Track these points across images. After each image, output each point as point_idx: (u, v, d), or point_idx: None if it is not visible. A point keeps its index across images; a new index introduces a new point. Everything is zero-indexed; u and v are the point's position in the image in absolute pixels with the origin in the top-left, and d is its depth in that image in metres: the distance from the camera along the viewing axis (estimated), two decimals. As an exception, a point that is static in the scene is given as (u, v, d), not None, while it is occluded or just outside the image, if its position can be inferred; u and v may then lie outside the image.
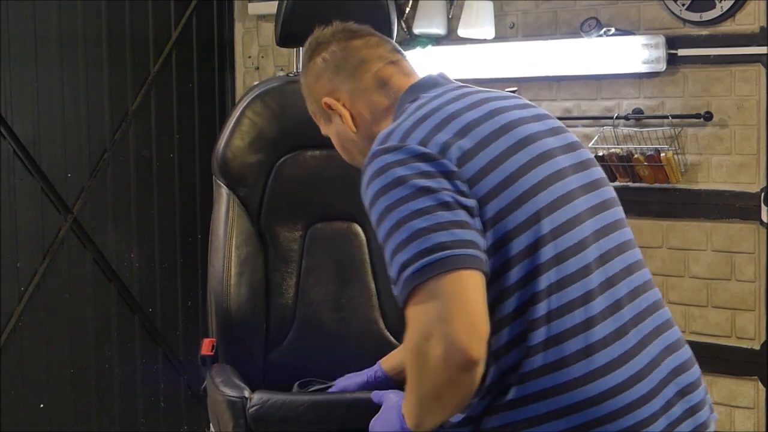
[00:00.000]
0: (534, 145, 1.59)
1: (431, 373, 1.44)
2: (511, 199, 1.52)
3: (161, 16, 3.96)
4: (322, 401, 2.04)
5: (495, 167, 1.54)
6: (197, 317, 4.09)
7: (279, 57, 4.17)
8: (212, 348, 2.27)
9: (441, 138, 1.55)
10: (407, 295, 1.45)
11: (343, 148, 1.84)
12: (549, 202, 1.54)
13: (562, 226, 1.54)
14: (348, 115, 1.77)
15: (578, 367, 1.50)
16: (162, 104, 3.96)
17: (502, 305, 1.50)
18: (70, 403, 3.68)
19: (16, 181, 3.49)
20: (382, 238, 1.51)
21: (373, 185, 1.53)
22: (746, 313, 3.21)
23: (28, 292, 3.54)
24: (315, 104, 1.84)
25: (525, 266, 1.50)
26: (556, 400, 1.49)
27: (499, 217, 1.51)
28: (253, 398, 2.02)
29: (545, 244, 1.51)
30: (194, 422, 4.07)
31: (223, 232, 2.30)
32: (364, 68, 1.77)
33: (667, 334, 1.62)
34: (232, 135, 2.32)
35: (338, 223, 2.37)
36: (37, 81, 3.54)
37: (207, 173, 3.99)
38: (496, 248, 1.50)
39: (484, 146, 1.55)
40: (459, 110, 1.61)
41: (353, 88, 1.77)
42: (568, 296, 1.51)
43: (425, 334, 1.42)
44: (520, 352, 1.50)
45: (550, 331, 1.50)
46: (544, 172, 1.57)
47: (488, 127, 1.58)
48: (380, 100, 1.75)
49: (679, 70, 3.28)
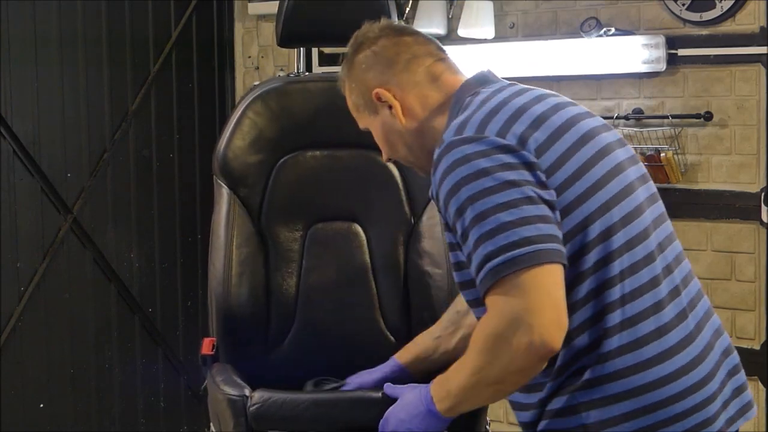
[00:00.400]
0: (596, 140, 1.66)
1: (508, 359, 1.52)
2: (583, 189, 1.59)
3: (161, 16, 3.95)
4: (323, 400, 2.05)
5: (568, 159, 1.61)
6: (197, 317, 4.08)
7: (279, 57, 4.17)
8: (213, 347, 2.27)
9: (517, 129, 1.61)
10: (491, 284, 1.52)
11: (387, 140, 1.85)
12: (616, 193, 1.62)
13: (629, 214, 1.62)
14: (399, 107, 1.80)
15: (651, 347, 1.59)
16: (162, 104, 3.96)
17: (577, 289, 1.58)
18: (70, 403, 3.68)
19: (16, 181, 3.49)
20: (464, 227, 1.56)
21: (454, 174, 1.57)
22: (746, 313, 3.21)
23: (28, 292, 3.54)
24: (361, 96, 1.86)
25: (599, 252, 1.58)
26: (631, 380, 1.58)
27: (574, 206, 1.58)
28: (253, 397, 2.02)
29: (617, 231, 1.60)
30: (194, 422, 4.07)
31: (223, 232, 2.30)
32: (416, 63, 1.80)
33: (714, 319, 1.73)
34: (232, 135, 2.32)
35: (339, 223, 2.37)
36: (37, 81, 3.54)
37: (207, 173, 3.99)
38: (573, 235, 1.57)
39: (555, 139, 1.62)
40: (526, 104, 1.66)
41: (405, 82, 1.80)
42: (640, 280, 1.60)
43: (512, 323, 1.50)
44: (594, 334, 1.58)
45: (625, 314, 1.58)
46: (608, 165, 1.64)
47: (556, 121, 1.65)
48: (432, 94, 1.79)
49: (679, 70, 3.28)
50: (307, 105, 2.37)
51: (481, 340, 1.56)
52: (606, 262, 1.58)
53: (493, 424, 2.51)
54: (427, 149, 1.78)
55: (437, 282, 2.34)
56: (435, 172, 1.62)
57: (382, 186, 2.37)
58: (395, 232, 2.37)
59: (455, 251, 1.67)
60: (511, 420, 3.63)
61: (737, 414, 1.69)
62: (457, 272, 1.70)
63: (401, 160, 1.89)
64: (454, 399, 1.65)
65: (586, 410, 1.58)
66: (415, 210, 2.38)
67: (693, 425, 1.60)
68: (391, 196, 2.36)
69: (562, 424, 1.61)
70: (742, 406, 1.71)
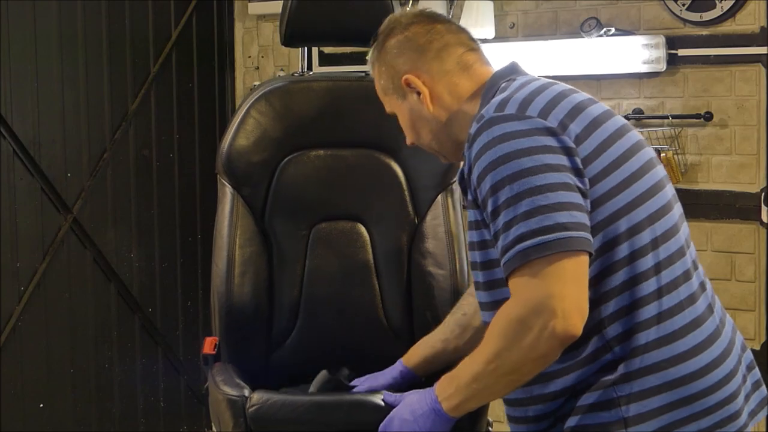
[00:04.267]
0: (629, 135, 1.68)
1: (529, 344, 1.52)
2: (617, 182, 1.60)
3: (161, 16, 3.95)
4: (322, 402, 2.05)
5: (604, 150, 1.61)
6: (197, 317, 4.08)
7: (279, 57, 4.17)
8: (214, 347, 2.27)
9: (558, 114, 1.61)
10: (519, 265, 1.52)
11: (413, 126, 1.85)
12: (648, 187, 1.64)
13: (661, 209, 1.64)
14: (428, 94, 1.79)
15: (687, 340, 1.60)
16: (162, 104, 3.96)
17: (609, 279, 1.58)
18: (70, 403, 3.67)
19: (16, 181, 3.49)
20: (496, 205, 1.56)
21: (494, 151, 1.56)
22: (746, 313, 3.21)
23: (28, 291, 3.54)
24: (390, 80, 1.85)
25: (631, 244, 1.59)
26: (668, 373, 1.59)
27: (606, 198, 1.58)
28: (252, 398, 2.02)
29: (648, 226, 1.61)
30: (194, 422, 4.07)
31: (227, 232, 2.30)
32: (447, 51, 1.80)
33: (730, 316, 1.75)
34: (236, 135, 2.32)
35: (342, 222, 2.37)
36: (37, 81, 3.54)
37: (207, 173, 4.00)
38: (603, 226, 1.57)
39: (593, 130, 1.62)
40: (565, 91, 1.68)
41: (436, 70, 1.79)
42: (675, 273, 1.62)
43: (536, 307, 1.51)
44: (627, 325, 1.58)
45: (662, 306, 1.60)
46: (641, 161, 1.66)
47: (593, 112, 1.66)
48: (462, 83, 1.79)
49: (679, 70, 3.28)
50: (311, 104, 2.37)
51: (502, 325, 1.56)
52: (638, 256, 1.59)
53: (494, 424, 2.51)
54: (453, 137, 1.79)
55: (440, 282, 2.34)
56: (471, 146, 1.61)
57: (385, 186, 2.37)
58: (399, 232, 2.37)
59: (479, 229, 1.65)
60: (511, 420, 3.63)
61: (758, 407, 1.71)
62: (478, 251, 1.68)
63: (424, 146, 1.88)
64: (463, 395, 1.65)
65: (625, 404, 1.58)
66: (418, 210, 2.38)
67: (722, 419, 1.61)
68: (395, 196, 2.37)
69: (600, 418, 1.59)
70: (761, 399, 1.73)
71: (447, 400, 1.68)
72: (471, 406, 1.68)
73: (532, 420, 1.68)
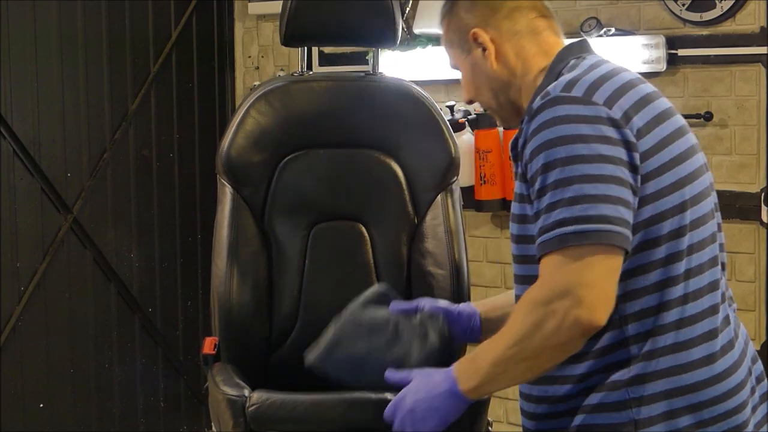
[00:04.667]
0: (688, 136, 1.67)
1: (551, 330, 1.52)
2: (669, 182, 1.59)
3: (161, 16, 3.96)
4: (321, 401, 2.05)
5: (662, 148, 1.60)
6: (197, 317, 4.09)
7: (279, 57, 4.17)
8: (214, 347, 2.27)
9: (624, 104, 1.59)
10: (555, 248, 1.52)
11: (473, 82, 1.83)
12: (695, 194, 1.63)
13: (701, 218, 1.64)
14: (493, 51, 1.76)
15: (701, 349, 1.61)
16: (162, 104, 3.96)
17: (643, 277, 1.58)
18: (70, 403, 3.68)
19: (16, 181, 3.49)
20: (544, 184, 1.55)
21: (553, 131, 1.56)
22: (746, 313, 3.21)
23: (28, 291, 3.54)
24: (458, 33, 1.82)
25: (669, 247, 1.58)
26: (680, 378, 1.59)
27: (657, 197, 1.58)
28: (252, 397, 2.02)
29: (687, 232, 1.60)
30: (194, 422, 4.07)
31: (226, 232, 2.30)
32: (520, 12, 1.77)
33: (743, 326, 1.74)
34: (236, 134, 2.32)
35: (342, 222, 2.37)
36: (37, 81, 3.54)
37: (207, 173, 4.00)
38: (649, 224, 1.57)
39: (656, 125, 1.61)
40: (634, 80, 1.66)
41: (505, 29, 1.76)
42: (702, 282, 1.63)
43: (563, 293, 1.51)
44: (648, 326, 1.59)
45: (684, 313, 1.60)
46: (694, 165, 1.65)
47: (659, 106, 1.65)
48: (529, 47, 1.76)
49: (679, 70, 3.28)
50: (311, 104, 2.37)
51: (527, 308, 1.56)
52: (674, 260, 1.59)
53: (494, 424, 2.51)
54: (511, 100, 1.78)
55: (440, 282, 2.33)
56: (531, 120, 1.59)
57: (385, 186, 2.37)
58: (398, 232, 2.37)
59: (522, 203, 1.65)
60: (512, 420, 3.64)
61: (764, 419, 1.71)
62: (517, 224, 1.67)
63: (482, 104, 1.86)
64: (483, 377, 1.62)
65: (636, 406, 1.59)
66: (418, 210, 2.38)
67: (729, 428, 1.61)
68: (395, 195, 2.36)
69: (610, 418, 1.59)
70: (767, 412, 1.72)
71: (466, 381, 1.64)
72: (489, 390, 1.66)
73: (542, 417, 1.68)
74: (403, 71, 3.46)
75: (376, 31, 2.35)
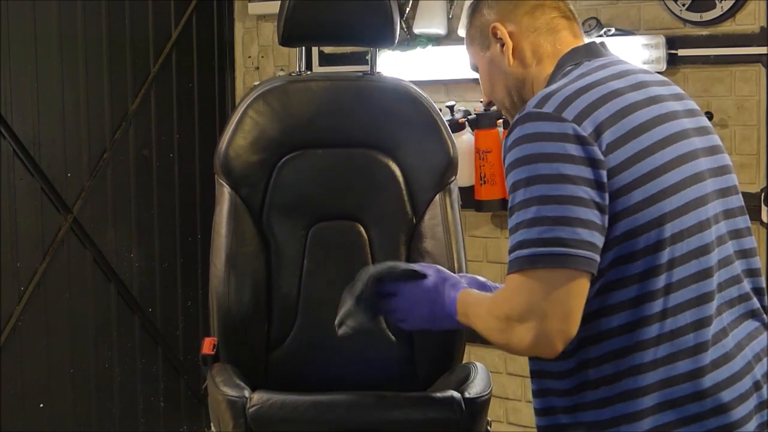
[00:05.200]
0: (680, 144, 1.61)
1: (508, 344, 1.58)
2: (640, 198, 1.55)
3: (161, 16, 3.95)
4: (322, 401, 2.05)
5: (637, 162, 1.55)
6: (197, 317, 4.08)
7: (279, 57, 4.17)
8: (213, 347, 2.27)
9: (599, 116, 1.56)
10: (514, 270, 1.54)
11: (489, 79, 1.83)
12: (677, 207, 1.57)
13: (688, 229, 1.58)
14: (511, 47, 1.77)
15: (684, 364, 1.56)
16: (162, 104, 3.96)
17: (618, 293, 1.56)
18: (70, 403, 3.67)
19: (16, 181, 3.49)
20: (511, 204, 1.57)
21: (519, 149, 1.56)
22: (746, 313, 3.21)
23: (28, 292, 3.54)
24: (478, 29, 1.83)
25: (647, 261, 1.54)
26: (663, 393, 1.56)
27: (628, 214, 1.54)
28: (253, 398, 2.02)
29: (666, 247, 1.55)
30: (194, 422, 4.07)
31: (225, 232, 2.30)
32: (541, 10, 1.77)
33: (758, 341, 1.67)
34: (234, 134, 2.32)
35: (340, 222, 2.37)
36: (37, 81, 3.54)
37: (207, 173, 4.00)
38: (622, 240, 1.54)
39: (630, 138, 1.57)
40: (621, 89, 1.62)
41: (525, 25, 1.76)
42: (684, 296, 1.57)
43: (519, 316, 1.53)
44: (629, 341, 1.56)
45: (663, 328, 1.56)
46: (683, 174, 1.59)
47: (642, 116, 1.60)
48: (545, 45, 1.75)
49: (680, 70, 3.28)
50: (309, 104, 2.37)
51: (494, 312, 1.60)
52: (652, 275, 1.55)
53: (494, 424, 2.51)
54: (523, 99, 1.76)
55: (438, 282, 2.33)
56: (507, 136, 1.60)
57: (384, 186, 2.37)
58: (397, 232, 2.37)
59: None
60: (512, 420, 3.64)
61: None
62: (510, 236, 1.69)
63: (497, 104, 1.86)
64: (469, 323, 1.71)
65: (626, 422, 1.57)
66: (417, 210, 2.38)
67: None
68: (393, 195, 2.36)
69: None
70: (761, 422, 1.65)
71: (460, 315, 1.74)
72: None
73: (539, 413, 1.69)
74: (403, 71, 3.46)
75: (374, 30, 2.34)
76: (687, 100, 1.73)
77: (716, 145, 1.70)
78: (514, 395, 3.65)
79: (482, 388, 2.11)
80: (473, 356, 3.21)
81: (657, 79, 1.72)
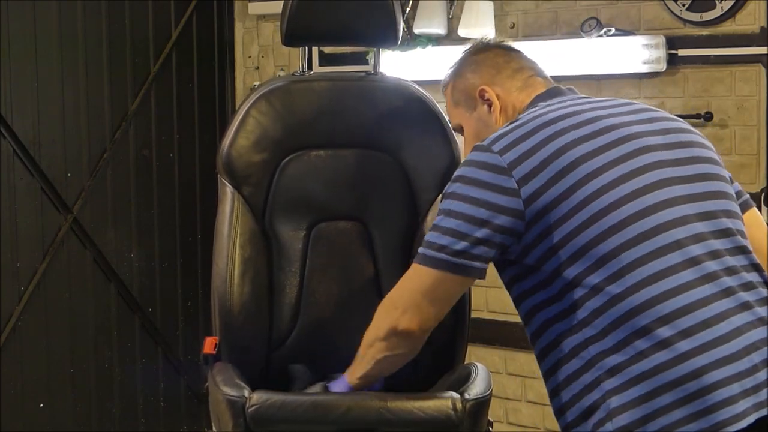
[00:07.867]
0: (634, 160, 1.74)
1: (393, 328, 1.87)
2: (552, 221, 1.71)
3: (161, 16, 3.95)
4: (321, 401, 2.05)
5: (548, 188, 1.71)
6: (197, 317, 4.08)
7: (279, 57, 4.17)
8: (215, 347, 2.27)
9: (524, 147, 1.74)
10: (415, 261, 1.83)
11: (477, 137, 1.96)
12: (607, 228, 1.69)
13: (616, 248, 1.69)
14: (498, 107, 1.98)
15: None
16: (162, 104, 3.96)
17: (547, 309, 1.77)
18: (70, 403, 3.67)
19: (16, 181, 3.49)
20: (437, 212, 1.82)
21: (457, 170, 1.81)
22: (746, 312, 3.21)
23: (28, 292, 3.54)
24: (464, 92, 2.04)
25: (561, 281, 1.74)
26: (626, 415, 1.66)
27: (542, 238, 1.73)
28: (252, 398, 2.02)
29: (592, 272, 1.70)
30: (194, 422, 4.07)
31: (227, 232, 2.30)
32: (520, 72, 2.00)
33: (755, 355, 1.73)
34: (237, 134, 2.32)
35: (343, 222, 2.37)
36: (37, 81, 3.54)
37: (207, 173, 4.00)
38: (543, 262, 1.75)
39: (546, 166, 1.72)
40: (561, 123, 1.77)
41: (509, 86, 1.99)
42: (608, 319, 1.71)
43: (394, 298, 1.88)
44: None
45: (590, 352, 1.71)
46: (631, 188, 1.71)
47: (570, 148, 1.73)
48: (522, 99, 1.97)
49: (680, 71, 3.28)
50: (312, 104, 2.37)
51: (385, 303, 1.92)
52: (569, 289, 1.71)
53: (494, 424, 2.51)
54: None
55: (440, 282, 2.33)
56: None
57: (386, 186, 2.37)
58: (399, 232, 2.37)
59: None
60: (512, 420, 3.64)
61: None
62: None
63: None
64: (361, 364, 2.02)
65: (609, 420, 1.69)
66: (420, 210, 2.38)
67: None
68: (396, 196, 2.37)
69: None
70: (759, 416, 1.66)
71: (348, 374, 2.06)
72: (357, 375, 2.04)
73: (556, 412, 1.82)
74: (403, 71, 3.46)
75: (377, 31, 2.35)
76: (666, 121, 1.87)
77: (696, 156, 1.82)
78: (514, 395, 3.65)
79: (483, 388, 2.11)
80: (473, 356, 3.21)
81: (624, 110, 1.84)
